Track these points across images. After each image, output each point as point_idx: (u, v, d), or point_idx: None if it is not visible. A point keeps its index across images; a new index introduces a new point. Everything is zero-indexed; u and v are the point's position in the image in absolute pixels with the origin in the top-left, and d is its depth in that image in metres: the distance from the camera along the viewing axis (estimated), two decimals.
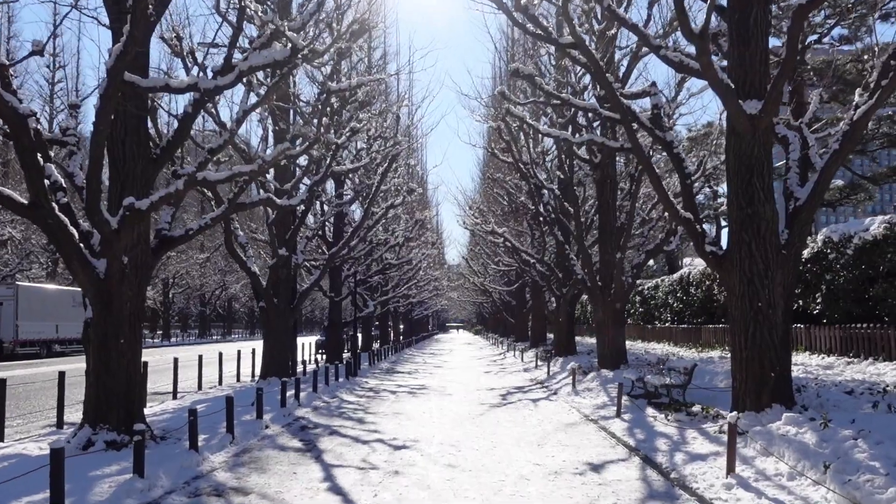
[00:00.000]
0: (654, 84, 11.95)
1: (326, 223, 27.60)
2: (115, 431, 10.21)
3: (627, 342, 35.64)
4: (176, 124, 10.99)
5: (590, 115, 17.61)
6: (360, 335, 40.67)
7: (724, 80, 10.00)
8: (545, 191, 22.22)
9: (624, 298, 20.33)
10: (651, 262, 35.06)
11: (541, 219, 24.41)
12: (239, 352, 22.79)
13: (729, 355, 24.23)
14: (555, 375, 22.62)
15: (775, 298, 10.32)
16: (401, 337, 57.32)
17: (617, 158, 20.87)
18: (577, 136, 11.88)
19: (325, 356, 30.67)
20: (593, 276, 20.27)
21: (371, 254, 32.10)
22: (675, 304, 33.89)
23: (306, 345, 37.74)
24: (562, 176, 23.07)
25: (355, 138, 17.21)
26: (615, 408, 14.54)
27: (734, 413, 7.86)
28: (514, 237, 31.22)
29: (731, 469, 7.72)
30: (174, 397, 16.96)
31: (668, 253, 25.71)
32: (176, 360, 17.32)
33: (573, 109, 17.93)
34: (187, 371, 23.19)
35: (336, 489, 8.05)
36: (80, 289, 43.37)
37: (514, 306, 50.97)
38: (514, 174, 31.34)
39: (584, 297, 40.14)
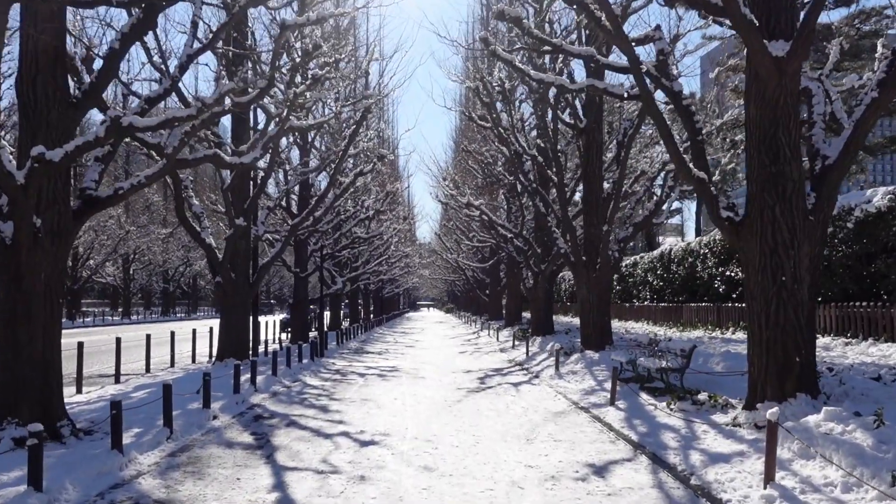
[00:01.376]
0: (658, 28, 10.44)
1: (291, 193, 25.83)
2: (28, 427, 8.54)
3: None
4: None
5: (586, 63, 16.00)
6: (327, 313, 39.03)
7: (748, 15, 8.52)
8: (525, 158, 20.69)
9: (610, 274, 18.99)
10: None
11: (520, 189, 22.91)
12: (194, 330, 21.05)
13: (714, 335, 23.25)
14: (534, 356, 21.27)
15: (801, 272, 8.95)
16: (371, 315, 55.73)
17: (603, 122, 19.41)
18: (572, 83, 10.44)
19: (290, 336, 28.99)
20: (577, 250, 18.87)
21: (339, 227, 30.39)
22: (655, 283, 32.80)
23: (271, 323, 36.01)
24: (542, 144, 21.57)
25: (318, 90, 15.51)
26: (606, 394, 13.21)
27: (774, 409, 6.47)
28: (490, 211, 29.70)
29: (769, 478, 6.33)
30: (117, 381, 15.25)
31: (650, 228, 24.47)
32: (118, 339, 15.57)
33: (558, 62, 16.39)
34: (139, 352, 21.41)
35: (287, 502, 6.52)
36: None
37: (488, 284, 49.61)
38: (488, 145, 29.78)
39: (560, 274, 38.99)
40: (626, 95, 9.80)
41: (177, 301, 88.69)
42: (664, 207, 18.97)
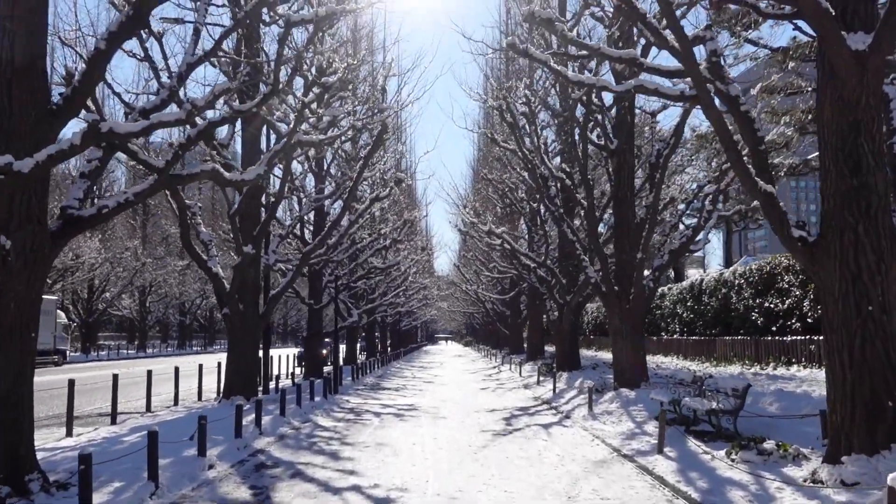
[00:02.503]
0: (709, 27, 9.28)
1: (305, 222, 24.83)
2: None
3: None
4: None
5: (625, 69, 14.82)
6: (343, 346, 37.80)
7: (824, 4, 7.35)
8: (551, 182, 19.50)
9: (645, 305, 17.66)
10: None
11: (543, 214, 21.69)
12: (200, 366, 19.87)
13: (753, 370, 21.73)
14: (562, 394, 19.84)
15: (890, 300, 7.62)
16: (388, 349, 54.38)
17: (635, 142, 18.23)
18: (612, 85, 9.29)
19: (303, 370, 27.74)
20: (608, 278, 17.56)
21: (355, 257, 29.31)
22: (684, 314, 31.31)
23: (284, 357, 34.80)
24: (567, 168, 20.42)
25: (331, 105, 14.50)
26: (648, 438, 11.81)
27: (892, 474, 5.12)
28: (511, 241, 28.47)
29: None
30: (113, 421, 14.06)
31: (685, 255, 23.03)
32: (115, 376, 14.41)
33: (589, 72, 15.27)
34: (140, 388, 20.28)
35: None
36: (44, 296, 40.49)
37: (509, 316, 48.15)
38: (508, 172, 28.70)
39: (584, 305, 37.53)
40: (681, 95, 8.61)
41: (194, 334, 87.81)
42: (702, 234, 17.67)
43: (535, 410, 17.38)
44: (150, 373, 16.06)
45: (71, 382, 12.59)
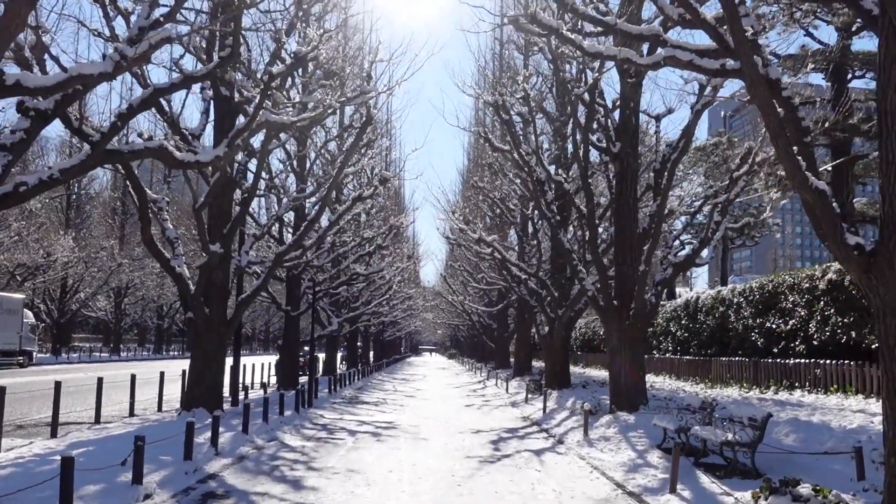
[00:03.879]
0: (742, 1, 7.98)
1: (285, 223, 23.39)
2: None
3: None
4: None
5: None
6: (322, 356, 36.25)
7: None
8: (548, 188, 18.20)
9: (646, 322, 16.35)
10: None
11: (540, 223, 20.37)
12: (162, 373, 18.30)
13: (752, 394, 20.48)
14: (553, 414, 18.47)
15: None
16: (370, 359, 52.80)
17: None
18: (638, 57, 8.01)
19: (277, 381, 26.17)
20: (607, 292, 16.25)
21: (338, 263, 27.86)
22: (678, 333, 30.05)
23: (261, 366, 33.19)
24: (563, 175, 19.18)
25: (311, 92, 13.17)
26: (654, 471, 10.45)
27: None
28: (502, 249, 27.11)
29: None
30: (53, 434, 12.51)
31: (687, 271, 21.69)
32: (58, 383, 12.86)
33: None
34: (114, 394, 18.76)
35: None
36: (9, 294, 38.33)
37: (495, 329, 46.77)
38: (500, 180, 27.42)
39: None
40: (721, 69, 7.30)
41: (173, 338, 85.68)
42: (707, 248, 16.43)
43: (524, 433, 15.98)
44: (100, 380, 14.52)
45: (1, 390, 11.05)
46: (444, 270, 53.77)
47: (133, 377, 16.45)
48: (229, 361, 18.81)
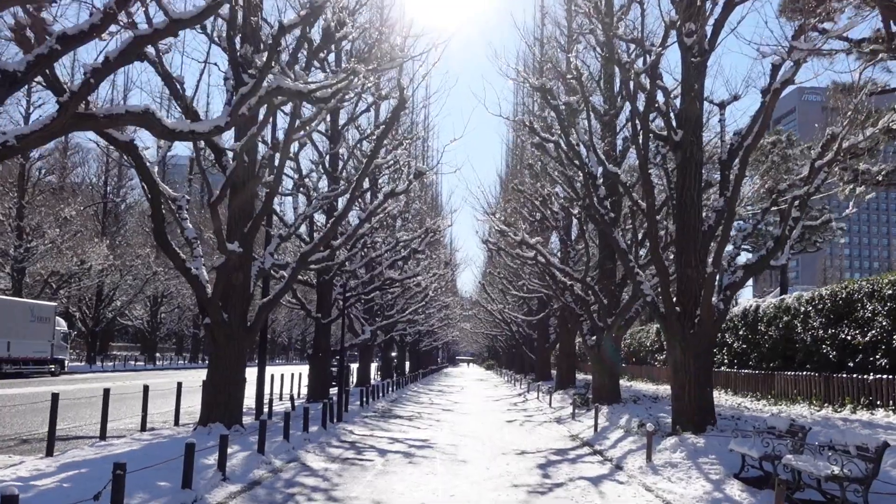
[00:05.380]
0: None
1: (314, 222, 22.03)
2: None
3: (662, 386, 29.68)
4: None
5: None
6: (355, 367, 34.86)
7: None
8: (600, 182, 16.46)
9: (714, 331, 14.50)
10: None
11: (588, 225, 18.62)
12: (179, 384, 17.00)
13: (824, 413, 18.41)
14: (604, 433, 16.66)
15: None
16: (405, 370, 51.29)
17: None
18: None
19: (308, 393, 24.77)
20: (669, 297, 14.44)
21: (372, 268, 26.45)
22: (735, 344, 27.90)
23: (296, 376, 31.92)
24: (612, 168, 17.41)
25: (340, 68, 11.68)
26: None
27: None
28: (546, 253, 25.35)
29: None
30: (48, 453, 11.18)
31: (760, 273, 19.65)
32: (55, 395, 11.53)
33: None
34: (132, 405, 17.61)
35: None
36: (41, 301, 37.78)
37: (535, 340, 44.83)
38: (540, 181, 25.73)
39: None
40: None
41: None
42: (785, 247, 14.51)
43: (575, 455, 14.21)
44: (106, 392, 13.18)
45: None
46: (483, 278, 52.03)
47: (146, 388, 15.12)
48: (254, 372, 17.50)
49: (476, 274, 68.19)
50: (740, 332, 27.10)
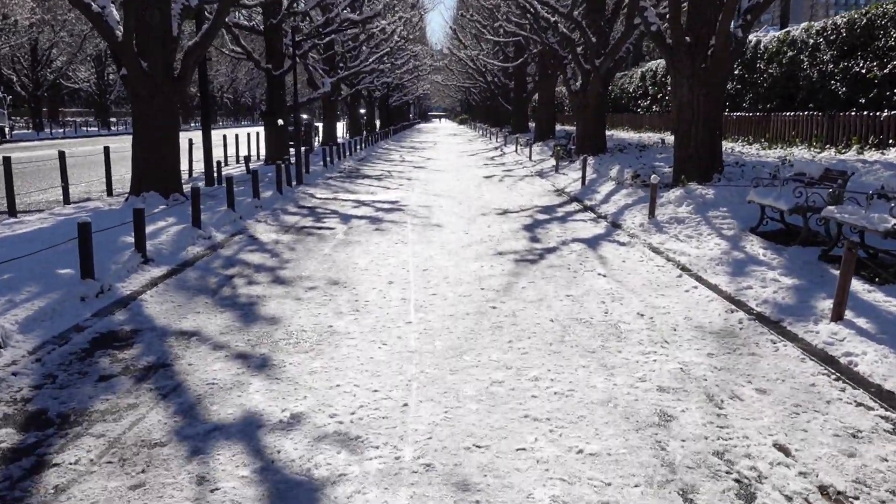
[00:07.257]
0: None
1: None
2: None
3: (653, 133, 27.93)
4: None
5: None
6: (320, 126, 32.49)
7: None
8: None
9: (730, 63, 12.28)
10: None
11: None
12: (107, 148, 14.75)
13: (825, 155, 16.92)
14: (593, 186, 15.06)
15: None
16: (375, 127, 48.92)
17: None
18: None
19: (266, 155, 22.66)
20: (679, 25, 11.97)
21: (327, 10, 23.02)
22: (728, 85, 25.86)
23: (250, 138, 29.64)
24: None
25: None
26: (773, 273, 7.14)
27: None
28: None
29: None
30: None
31: None
32: None
33: None
34: (79, 173, 15.46)
35: None
36: None
37: (512, 90, 42.16)
38: None
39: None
40: None
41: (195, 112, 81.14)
42: None
43: (564, 212, 12.63)
44: (7, 160, 10.96)
45: None
46: (454, 23, 47.76)
47: (62, 155, 12.85)
48: (197, 135, 15.26)
49: (447, 18, 63.19)
50: (736, 72, 24.85)
